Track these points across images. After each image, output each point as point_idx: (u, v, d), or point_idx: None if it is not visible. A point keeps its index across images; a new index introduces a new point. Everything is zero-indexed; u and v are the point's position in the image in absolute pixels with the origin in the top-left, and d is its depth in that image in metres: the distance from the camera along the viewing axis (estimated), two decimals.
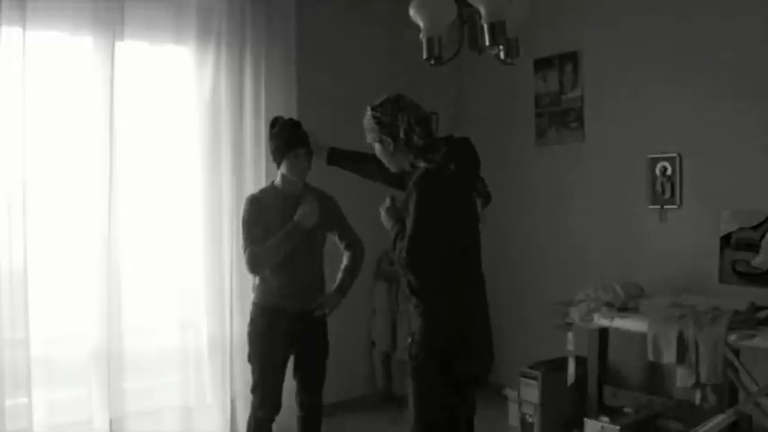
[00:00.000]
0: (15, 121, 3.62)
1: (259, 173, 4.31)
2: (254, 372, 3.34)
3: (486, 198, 2.69)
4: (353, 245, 3.43)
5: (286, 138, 3.21)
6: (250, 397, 3.37)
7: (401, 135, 2.57)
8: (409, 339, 2.60)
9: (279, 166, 3.27)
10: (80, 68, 3.88)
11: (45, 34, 3.80)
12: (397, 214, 2.62)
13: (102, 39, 3.86)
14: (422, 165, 2.54)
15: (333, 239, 3.46)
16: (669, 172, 4.18)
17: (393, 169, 2.69)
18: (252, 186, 4.29)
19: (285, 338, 3.29)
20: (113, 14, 3.87)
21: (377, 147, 2.67)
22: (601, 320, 3.85)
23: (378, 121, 2.61)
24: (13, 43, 3.59)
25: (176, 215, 4.18)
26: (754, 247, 3.79)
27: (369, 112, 2.65)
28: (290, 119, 3.33)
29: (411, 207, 2.48)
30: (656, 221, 4.27)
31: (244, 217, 3.28)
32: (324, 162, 3.19)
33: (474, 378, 2.64)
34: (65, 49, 3.89)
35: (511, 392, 4.54)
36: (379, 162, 2.81)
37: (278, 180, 3.32)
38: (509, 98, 5.10)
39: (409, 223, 2.48)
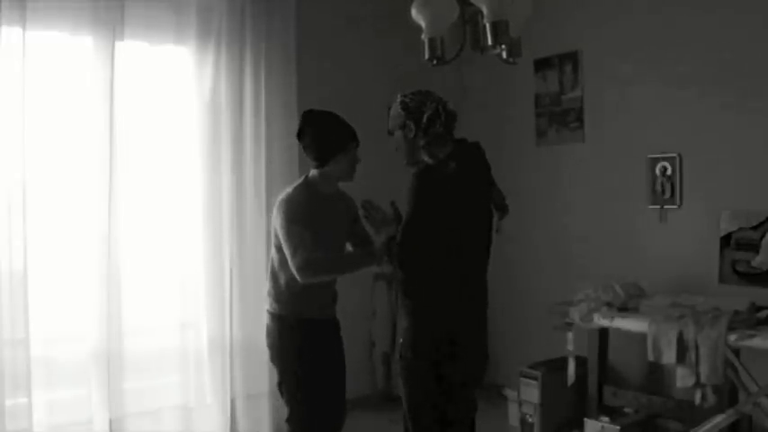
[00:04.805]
0: (15, 121, 3.61)
1: (259, 172, 4.31)
2: (305, 400, 2.85)
3: (503, 210, 2.68)
4: None
5: (348, 130, 2.90)
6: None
7: (424, 120, 2.56)
8: (400, 339, 2.60)
9: (326, 163, 2.88)
10: (80, 68, 3.88)
11: (45, 34, 3.79)
12: (378, 220, 2.64)
13: (102, 39, 3.86)
14: (424, 159, 2.53)
15: None
16: (669, 172, 4.18)
17: (407, 161, 2.66)
18: (252, 186, 4.29)
19: (341, 352, 3.05)
20: (113, 14, 3.86)
21: (397, 135, 2.65)
22: (601, 320, 3.84)
23: (404, 107, 2.61)
24: (13, 43, 3.59)
25: (176, 215, 4.17)
26: (754, 247, 3.79)
27: (398, 98, 2.65)
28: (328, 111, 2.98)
29: (405, 201, 2.48)
30: (656, 221, 4.27)
31: (289, 219, 2.81)
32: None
33: (464, 379, 2.62)
34: (65, 49, 3.88)
35: (511, 392, 4.54)
36: None
37: (314, 178, 2.94)
38: (509, 98, 5.10)
39: (404, 217, 2.48)
